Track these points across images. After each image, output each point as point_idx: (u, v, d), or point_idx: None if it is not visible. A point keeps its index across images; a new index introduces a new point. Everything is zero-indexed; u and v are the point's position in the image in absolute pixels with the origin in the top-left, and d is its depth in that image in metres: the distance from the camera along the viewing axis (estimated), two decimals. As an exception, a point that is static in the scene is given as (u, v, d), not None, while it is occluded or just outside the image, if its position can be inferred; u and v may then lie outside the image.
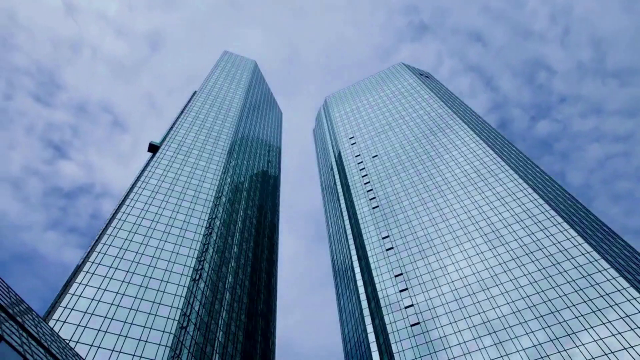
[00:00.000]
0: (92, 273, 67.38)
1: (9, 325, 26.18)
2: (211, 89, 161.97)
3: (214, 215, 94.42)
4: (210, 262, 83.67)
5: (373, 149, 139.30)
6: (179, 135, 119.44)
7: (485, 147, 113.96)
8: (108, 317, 61.36)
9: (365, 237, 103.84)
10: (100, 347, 56.93)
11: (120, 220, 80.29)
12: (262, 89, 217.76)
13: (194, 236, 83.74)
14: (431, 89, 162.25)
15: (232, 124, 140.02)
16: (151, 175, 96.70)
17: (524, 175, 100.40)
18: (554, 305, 68.82)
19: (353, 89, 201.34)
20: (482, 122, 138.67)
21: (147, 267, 72.81)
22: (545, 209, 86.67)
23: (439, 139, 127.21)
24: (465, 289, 78.90)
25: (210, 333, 72.50)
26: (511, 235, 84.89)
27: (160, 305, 66.68)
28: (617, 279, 67.93)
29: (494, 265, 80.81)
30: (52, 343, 33.43)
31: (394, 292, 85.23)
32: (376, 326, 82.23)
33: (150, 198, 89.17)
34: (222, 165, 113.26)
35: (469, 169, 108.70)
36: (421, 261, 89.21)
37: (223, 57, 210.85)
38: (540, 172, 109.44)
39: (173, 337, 62.34)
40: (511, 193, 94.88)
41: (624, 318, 62.41)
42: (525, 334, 66.99)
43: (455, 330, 72.95)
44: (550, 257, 76.84)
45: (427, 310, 78.60)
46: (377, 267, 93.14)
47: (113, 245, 74.21)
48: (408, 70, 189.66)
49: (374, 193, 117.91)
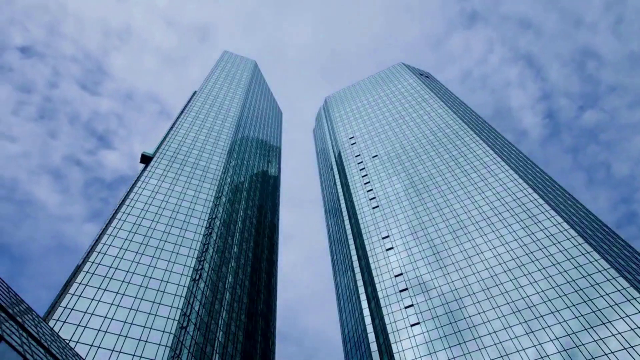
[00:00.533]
0: (92, 273, 67.38)
1: (9, 325, 26.18)
2: (211, 89, 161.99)
3: (214, 215, 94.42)
4: (210, 262, 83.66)
5: (373, 149, 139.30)
6: (179, 136, 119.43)
7: (484, 147, 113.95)
8: (108, 317, 61.35)
9: (365, 237, 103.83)
10: (100, 347, 56.93)
11: (120, 220, 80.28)
12: (262, 89, 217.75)
13: (194, 236, 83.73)
14: (431, 89, 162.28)
15: (232, 124, 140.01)
16: (151, 176, 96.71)
17: (523, 175, 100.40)
18: (554, 305, 68.80)
19: (353, 89, 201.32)
20: (482, 122, 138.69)
21: (147, 267, 72.80)
22: (545, 209, 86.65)
23: (439, 138, 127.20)
24: (465, 289, 78.88)
25: (210, 333, 72.50)
26: (511, 236, 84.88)
27: (160, 305, 66.68)
28: (617, 279, 67.93)
29: (494, 265, 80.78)
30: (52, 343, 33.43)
31: (394, 292, 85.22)
32: (376, 326, 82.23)
33: (151, 198, 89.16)
34: (222, 165, 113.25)
35: (468, 168, 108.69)
36: (421, 261, 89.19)
37: (223, 57, 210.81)
38: (541, 172, 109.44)
39: (173, 337, 62.34)
40: (511, 193, 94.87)
41: (624, 318, 62.41)
42: (526, 334, 66.97)
43: (455, 330, 72.94)
44: (550, 257, 76.81)
45: (428, 310, 78.58)
46: (377, 267, 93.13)
47: (113, 245, 74.20)
48: (408, 70, 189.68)
49: (374, 193, 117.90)
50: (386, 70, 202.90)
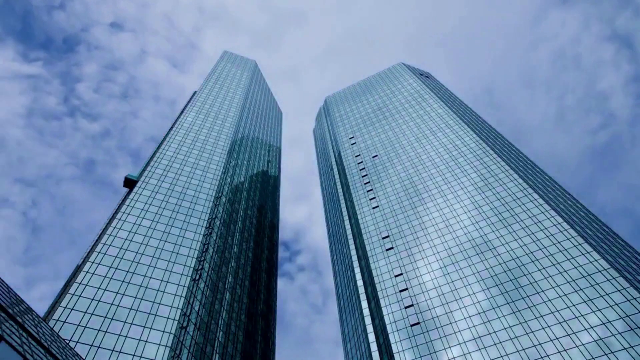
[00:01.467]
0: (92, 273, 67.38)
1: (9, 325, 26.18)
2: (211, 89, 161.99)
3: (214, 215, 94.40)
4: (210, 262, 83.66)
5: (373, 149, 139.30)
6: (179, 136, 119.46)
7: (485, 148, 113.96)
8: (108, 317, 61.35)
9: (365, 237, 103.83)
10: (100, 347, 56.93)
11: (120, 221, 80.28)
12: (262, 89, 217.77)
13: (194, 236, 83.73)
14: (431, 89, 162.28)
15: (232, 124, 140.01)
16: (151, 175, 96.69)
17: (524, 176, 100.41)
18: (554, 305, 68.83)
19: (353, 89, 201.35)
20: (482, 122, 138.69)
21: (147, 267, 72.80)
22: (546, 209, 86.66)
23: (439, 138, 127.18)
24: (465, 289, 78.89)
25: (210, 333, 72.50)
26: (511, 236, 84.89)
27: (160, 305, 66.68)
28: (617, 278, 67.94)
29: (494, 265, 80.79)
30: (52, 343, 33.43)
31: (394, 292, 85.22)
32: (376, 326, 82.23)
33: (151, 198, 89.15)
34: (222, 165, 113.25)
35: (468, 169, 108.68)
36: (421, 261, 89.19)
37: (223, 57, 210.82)
38: (541, 172, 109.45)
39: (173, 337, 62.34)
40: (511, 193, 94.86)
41: (624, 318, 62.42)
42: (526, 334, 67.00)
43: (455, 330, 72.95)
44: (550, 257, 76.83)
45: (427, 310, 78.59)
46: (377, 267, 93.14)
47: (113, 245, 74.20)
48: (408, 70, 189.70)
49: (374, 193, 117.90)
50: (386, 71, 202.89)
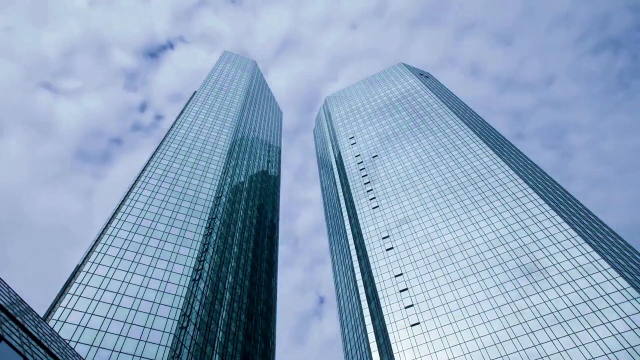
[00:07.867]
0: (92, 273, 67.38)
1: (9, 325, 26.18)
2: (211, 89, 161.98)
3: (214, 215, 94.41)
4: (210, 262, 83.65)
5: (373, 149, 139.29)
6: (179, 136, 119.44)
7: (485, 147, 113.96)
8: (108, 317, 61.35)
9: (365, 237, 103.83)
10: (100, 347, 56.92)
11: (120, 221, 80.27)
12: (262, 89, 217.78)
13: (194, 236, 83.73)
14: (431, 89, 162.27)
15: (232, 124, 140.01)
16: (151, 176, 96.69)
17: (524, 176, 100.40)
18: (554, 305, 68.81)
19: (353, 89, 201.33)
20: (482, 122, 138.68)
21: (147, 267, 72.80)
22: (546, 209, 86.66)
23: (439, 138, 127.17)
24: (465, 289, 78.89)
25: (210, 333, 72.49)
26: (511, 235, 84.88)
27: (160, 305, 66.68)
28: (617, 279, 67.93)
29: (494, 265, 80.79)
30: (52, 343, 33.42)
31: (394, 292, 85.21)
32: (376, 326, 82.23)
33: (150, 198, 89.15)
34: (222, 165, 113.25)
35: (468, 168, 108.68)
36: (421, 261, 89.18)
37: (223, 57, 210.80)
38: (541, 172, 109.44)
39: (173, 337, 62.33)
40: (511, 193, 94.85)
41: (624, 318, 62.41)
42: (526, 334, 66.99)
43: (455, 330, 72.94)
44: (550, 257, 76.82)
45: (427, 310, 78.58)
46: (377, 267, 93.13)
47: (113, 245, 74.20)
48: (408, 70, 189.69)
49: (374, 193, 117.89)
50: (386, 71, 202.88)
